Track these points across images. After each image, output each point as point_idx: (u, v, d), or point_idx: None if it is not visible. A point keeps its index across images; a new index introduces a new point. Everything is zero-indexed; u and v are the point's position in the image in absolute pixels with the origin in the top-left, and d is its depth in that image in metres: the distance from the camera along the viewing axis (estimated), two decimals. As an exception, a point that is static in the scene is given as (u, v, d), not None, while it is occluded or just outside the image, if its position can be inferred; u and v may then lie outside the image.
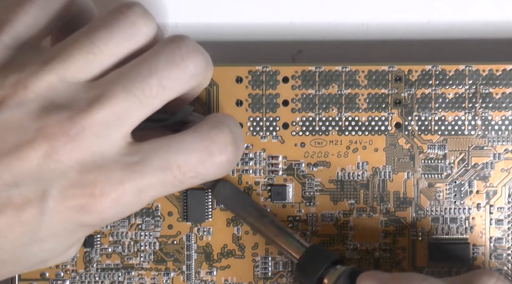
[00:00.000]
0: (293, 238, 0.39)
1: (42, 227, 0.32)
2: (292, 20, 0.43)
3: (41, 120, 0.32)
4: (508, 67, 0.40)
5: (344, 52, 0.43)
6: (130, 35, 0.34)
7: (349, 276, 0.37)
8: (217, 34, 0.42)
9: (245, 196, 0.40)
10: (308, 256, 0.39)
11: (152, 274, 0.41)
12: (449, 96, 0.40)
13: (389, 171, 0.40)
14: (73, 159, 0.32)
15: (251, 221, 0.40)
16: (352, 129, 0.40)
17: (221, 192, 0.40)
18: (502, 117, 0.40)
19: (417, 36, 0.42)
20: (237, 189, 0.40)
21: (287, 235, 0.39)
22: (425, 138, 0.40)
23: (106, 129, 0.32)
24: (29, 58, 0.33)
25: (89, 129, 0.32)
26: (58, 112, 0.32)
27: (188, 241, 0.41)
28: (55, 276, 0.41)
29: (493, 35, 0.42)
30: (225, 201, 0.40)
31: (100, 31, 0.33)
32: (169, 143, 0.34)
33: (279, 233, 0.39)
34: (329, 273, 0.38)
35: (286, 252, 0.39)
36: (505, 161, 0.40)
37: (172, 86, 0.34)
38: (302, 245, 0.39)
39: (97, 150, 0.32)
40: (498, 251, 0.40)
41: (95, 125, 0.32)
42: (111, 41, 0.33)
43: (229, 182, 0.40)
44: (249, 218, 0.40)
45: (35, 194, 0.32)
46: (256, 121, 0.40)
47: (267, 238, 0.40)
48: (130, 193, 0.33)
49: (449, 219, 0.40)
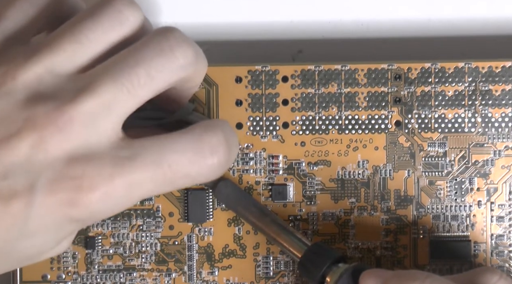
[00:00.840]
0: (295, 237, 0.39)
1: (31, 220, 0.32)
2: (292, 19, 0.43)
3: (28, 110, 0.32)
4: (508, 64, 0.40)
5: (344, 51, 0.42)
6: (117, 23, 0.34)
7: (352, 274, 0.37)
8: (217, 33, 0.42)
9: (246, 195, 0.40)
10: (310, 254, 0.38)
11: (154, 275, 0.41)
12: (448, 93, 0.40)
13: (389, 169, 0.40)
14: (61, 150, 0.32)
15: (252, 220, 0.40)
16: (352, 128, 0.40)
17: (223, 191, 0.40)
18: (502, 114, 0.40)
19: (416, 34, 0.42)
20: (238, 188, 0.40)
21: (289, 233, 0.39)
22: (425, 136, 0.40)
23: (94, 119, 0.32)
24: (17, 51, 0.33)
25: (77, 119, 0.32)
26: (46, 102, 0.32)
27: (190, 241, 0.41)
28: (57, 278, 0.41)
29: (492, 32, 0.42)
30: (227, 200, 0.40)
31: (86, 20, 0.33)
32: (162, 142, 0.33)
33: (280, 232, 0.39)
34: (332, 271, 0.38)
35: (288, 250, 0.39)
36: (506, 158, 0.40)
37: (161, 77, 0.33)
38: (304, 243, 0.39)
39: (86, 141, 0.32)
40: (499, 248, 0.40)
41: (83, 115, 0.32)
42: (98, 30, 0.33)
43: (230, 181, 0.40)
44: (251, 217, 0.40)
45: (22, 186, 0.31)
46: (256, 121, 0.40)
47: (268, 237, 0.40)
48: (119, 188, 0.32)
49: (450, 216, 0.40)
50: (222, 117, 0.40)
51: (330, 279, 0.37)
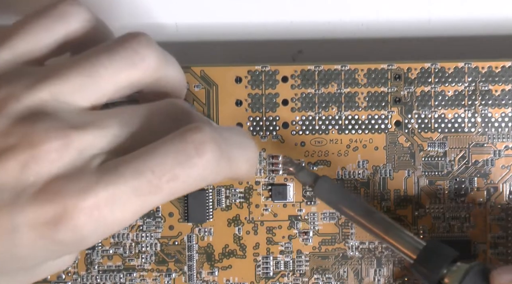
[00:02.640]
0: (405, 235, 0.37)
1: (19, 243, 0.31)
2: (292, 19, 0.43)
3: (27, 127, 0.31)
4: (507, 64, 0.40)
5: (344, 51, 0.42)
6: (131, 64, 0.34)
7: (478, 273, 0.35)
8: (217, 33, 0.42)
9: (348, 191, 0.39)
10: (427, 252, 0.36)
11: (154, 275, 0.41)
12: (448, 93, 0.40)
13: (389, 169, 0.40)
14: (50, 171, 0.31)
15: (356, 218, 0.37)
16: (352, 128, 0.40)
17: (323, 188, 0.38)
18: (502, 114, 0.40)
19: (416, 34, 0.42)
20: (338, 184, 0.39)
21: (399, 231, 0.37)
22: (425, 136, 0.40)
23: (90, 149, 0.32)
24: (27, 72, 0.33)
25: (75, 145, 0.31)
26: (45, 121, 0.31)
27: (189, 241, 0.41)
28: (57, 278, 0.41)
29: (492, 32, 0.42)
30: (328, 197, 0.38)
31: (102, 55, 0.33)
32: (143, 151, 0.32)
33: (389, 230, 0.37)
34: (450, 271, 0.36)
35: (398, 249, 0.37)
36: (506, 158, 0.40)
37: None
38: (416, 241, 0.37)
39: (74, 164, 0.31)
40: (499, 248, 0.40)
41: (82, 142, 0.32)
42: (112, 67, 0.33)
43: (329, 178, 0.38)
44: (355, 215, 0.37)
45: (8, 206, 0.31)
46: (256, 121, 0.40)
47: (375, 235, 0.37)
48: (103, 205, 0.31)
49: (450, 216, 0.40)
50: (222, 117, 0.40)
51: (449, 279, 0.35)
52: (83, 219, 0.31)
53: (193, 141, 0.32)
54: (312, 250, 0.41)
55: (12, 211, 0.31)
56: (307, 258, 0.41)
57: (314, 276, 0.41)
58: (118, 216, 0.31)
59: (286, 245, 0.41)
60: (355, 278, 0.41)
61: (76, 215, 0.31)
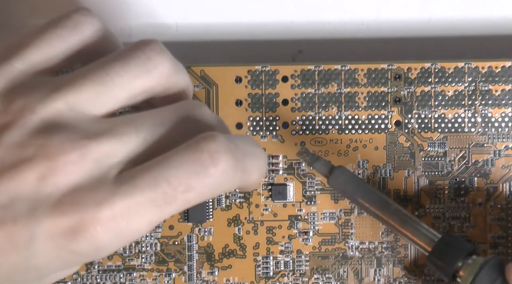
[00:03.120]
0: (422, 227, 0.37)
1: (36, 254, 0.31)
2: (292, 19, 0.43)
3: (44, 138, 0.31)
4: (508, 64, 0.40)
5: (344, 51, 0.42)
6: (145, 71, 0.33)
7: (493, 266, 0.35)
8: (217, 33, 0.43)
9: (364, 182, 0.38)
10: (443, 245, 0.36)
11: (154, 275, 0.41)
12: (448, 93, 0.40)
13: (389, 169, 0.40)
14: (68, 183, 0.31)
15: (372, 210, 0.37)
16: (352, 128, 0.40)
17: (339, 179, 0.37)
18: (502, 114, 0.40)
19: (416, 34, 0.42)
20: (355, 175, 0.38)
21: (416, 223, 0.37)
22: (425, 136, 0.40)
23: (107, 159, 0.32)
24: (41, 83, 0.33)
25: (91, 156, 0.31)
26: (63, 133, 0.31)
27: (189, 241, 0.41)
28: (57, 277, 0.41)
29: (492, 32, 0.42)
30: (344, 188, 0.37)
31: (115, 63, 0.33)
32: (158, 161, 0.32)
33: (406, 222, 0.37)
34: (466, 264, 0.36)
35: (414, 242, 0.37)
36: (506, 158, 0.40)
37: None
38: (433, 234, 0.37)
39: (91, 175, 0.31)
40: (499, 248, 0.40)
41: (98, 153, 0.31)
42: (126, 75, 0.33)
43: (345, 168, 0.38)
44: (371, 206, 0.37)
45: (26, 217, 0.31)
46: (256, 121, 0.40)
47: (391, 227, 0.37)
48: (120, 216, 0.31)
49: (450, 216, 0.40)
50: (222, 117, 0.40)
51: (464, 272, 0.35)
52: (100, 230, 0.31)
53: (208, 150, 0.32)
54: (312, 250, 0.41)
55: (29, 222, 0.31)
56: (307, 258, 0.41)
57: (314, 276, 0.41)
58: (134, 226, 0.31)
59: (286, 245, 0.41)
60: (355, 278, 0.41)
61: (93, 226, 0.31)
